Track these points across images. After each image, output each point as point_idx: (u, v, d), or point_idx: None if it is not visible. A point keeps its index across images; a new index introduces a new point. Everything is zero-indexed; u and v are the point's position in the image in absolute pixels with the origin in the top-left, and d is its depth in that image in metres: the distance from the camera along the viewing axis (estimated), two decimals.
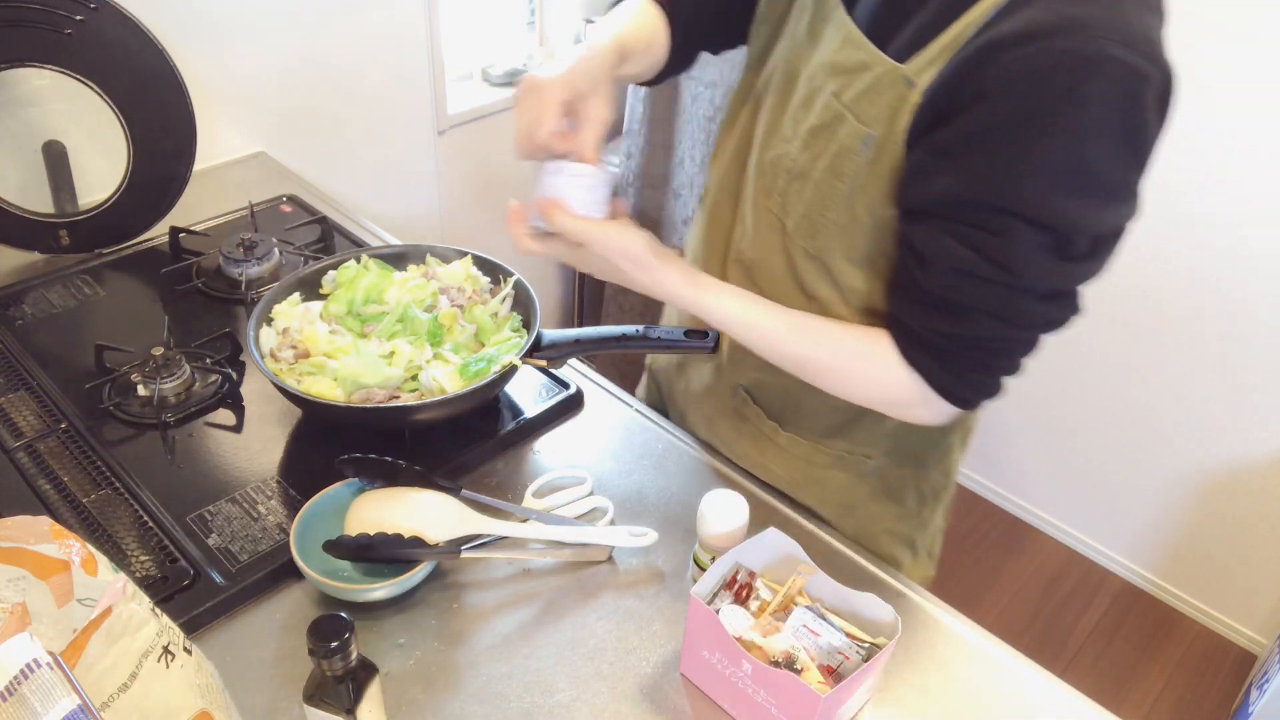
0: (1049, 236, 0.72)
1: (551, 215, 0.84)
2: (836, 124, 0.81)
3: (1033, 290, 0.76)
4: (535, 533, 0.93)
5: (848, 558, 0.97)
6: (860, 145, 0.79)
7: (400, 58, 1.85)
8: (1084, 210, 0.71)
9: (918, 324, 0.81)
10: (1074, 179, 0.70)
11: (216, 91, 1.58)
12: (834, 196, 0.83)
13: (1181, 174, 1.89)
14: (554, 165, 0.86)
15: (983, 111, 0.71)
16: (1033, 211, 0.71)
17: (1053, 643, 2.19)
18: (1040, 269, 0.74)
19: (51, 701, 0.50)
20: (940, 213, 0.76)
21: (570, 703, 0.81)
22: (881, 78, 0.77)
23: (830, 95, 0.82)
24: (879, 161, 0.79)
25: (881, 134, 0.78)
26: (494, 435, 1.06)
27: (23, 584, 0.60)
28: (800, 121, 0.86)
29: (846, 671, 0.77)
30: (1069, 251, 0.74)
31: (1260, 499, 2.04)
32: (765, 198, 0.91)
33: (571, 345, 1.04)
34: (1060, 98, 0.68)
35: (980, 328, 0.78)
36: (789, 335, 0.88)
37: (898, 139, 0.77)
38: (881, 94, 0.77)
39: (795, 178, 0.87)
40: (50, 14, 1.22)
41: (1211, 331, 1.97)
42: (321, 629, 0.66)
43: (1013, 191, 0.71)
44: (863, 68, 0.79)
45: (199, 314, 1.24)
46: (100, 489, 0.97)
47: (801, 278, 0.90)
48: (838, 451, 1.00)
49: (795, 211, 0.88)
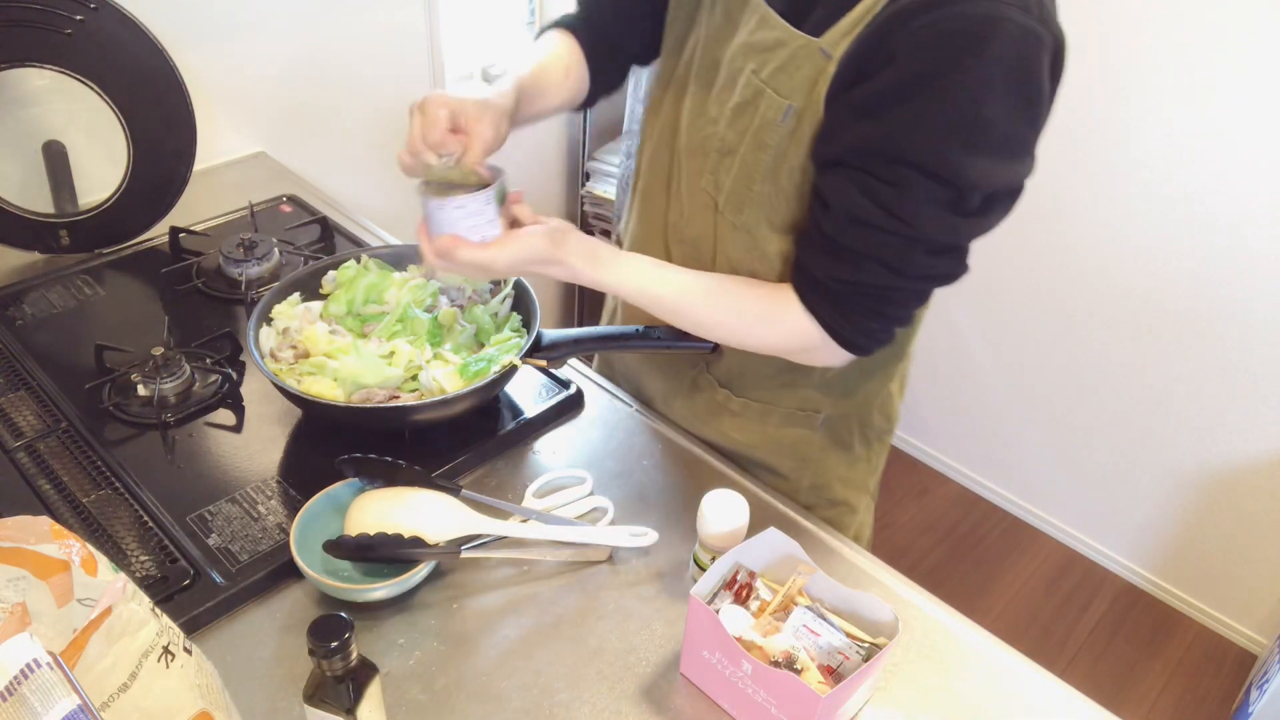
0: (944, 190, 0.77)
1: (450, 255, 0.87)
2: (757, 99, 0.86)
3: (925, 242, 0.80)
4: (535, 533, 0.93)
5: (848, 558, 0.97)
6: (781, 117, 0.84)
7: (400, 58, 1.85)
8: (978, 165, 0.76)
9: (817, 269, 0.86)
10: (970, 134, 0.75)
11: (216, 91, 1.58)
12: (759, 168, 0.88)
13: (1181, 174, 1.89)
14: (435, 202, 0.87)
15: (891, 73, 0.75)
16: (929, 165, 0.76)
17: (1053, 643, 2.19)
18: (933, 221, 0.79)
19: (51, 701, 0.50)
20: (846, 164, 0.81)
21: (570, 703, 0.81)
22: (798, 53, 0.82)
23: (750, 73, 0.86)
24: (800, 130, 0.84)
25: (801, 104, 0.83)
26: (494, 435, 1.06)
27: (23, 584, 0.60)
28: (724, 102, 0.90)
29: (846, 671, 0.77)
30: (963, 206, 0.78)
31: (1260, 499, 2.04)
32: (698, 178, 0.95)
33: (571, 345, 1.04)
34: (960, 57, 0.73)
35: (873, 275, 0.83)
36: (693, 299, 0.92)
37: (817, 107, 0.82)
38: (799, 67, 0.82)
39: (724, 154, 0.91)
40: (50, 14, 1.22)
41: (1211, 331, 1.97)
42: (321, 629, 0.66)
43: (912, 145, 0.76)
44: (779, 45, 0.83)
45: (199, 314, 1.24)
46: (100, 489, 0.97)
47: (731, 253, 0.95)
48: (788, 409, 1.05)
49: (725, 187, 0.92)
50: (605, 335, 1.06)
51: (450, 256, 0.87)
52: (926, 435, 2.62)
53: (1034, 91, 0.76)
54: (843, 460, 1.11)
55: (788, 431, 1.07)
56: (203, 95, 1.41)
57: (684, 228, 1.00)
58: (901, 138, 0.76)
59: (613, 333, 1.05)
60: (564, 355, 1.04)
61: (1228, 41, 1.74)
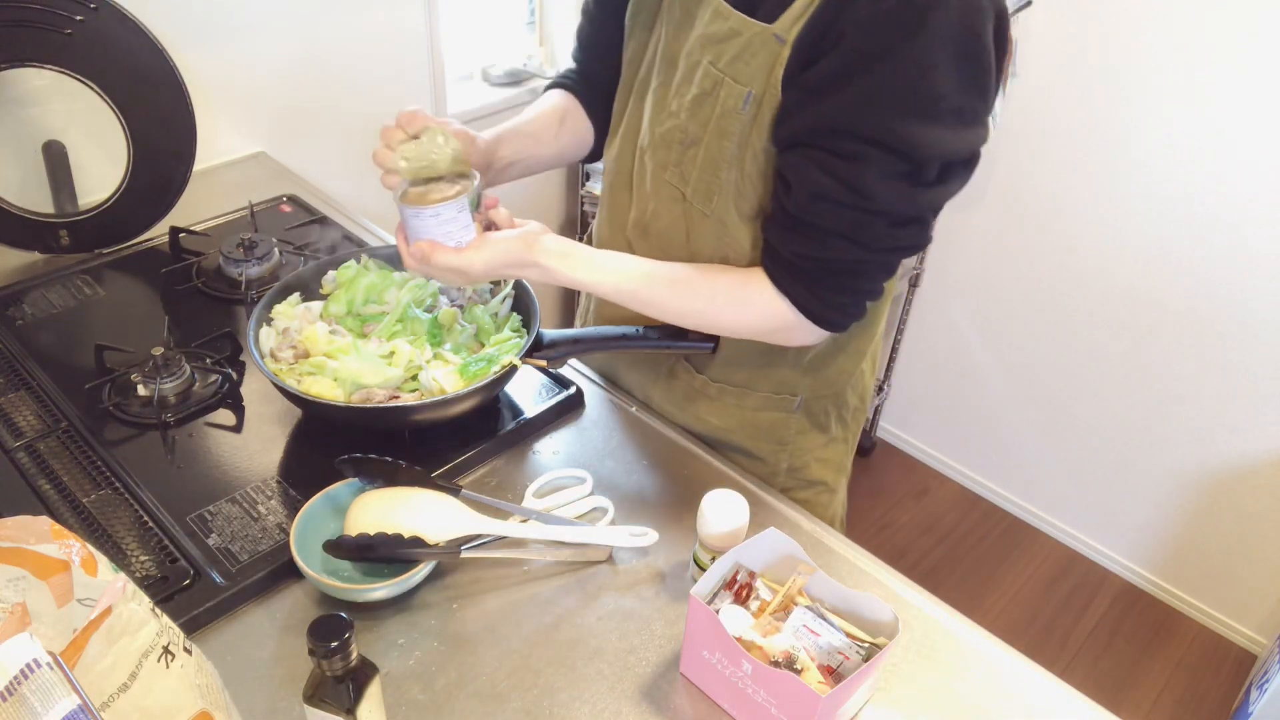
0: (900, 162, 0.79)
1: (427, 260, 0.90)
2: (717, 88, 0.88)
3: (886, 215, 0.83)
4: (535, 533, 0.93)
5: (848, 558, 0.97)
6: (741, 104, 0.86)
7: (400, 58, 1.85)
8: (932, 136, 0.78)
9: (784, 248, 0.89)
10: (921, 106, 0.77)
11: (216, 91, 1.58)
12: (724, 156, 0.90)
13: (1181, 174, 1.89)
14: (412, 210, 0.90)
15: (841, 52, 0.78)
16: (885, 137, 0.78)
17: (1053, 643, 2.19)
18: (892, 194, 0.81)
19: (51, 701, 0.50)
20: (804, 143, 0.83)
21: (570, 703, 0.81)
22: (752, 40, 0.84)
23: (708, 64, 0.88)
24: (760, 115, 0.86)
25: (759, 90, 0.85)
26: (494, 435, 1.06)
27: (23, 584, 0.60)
28: (685, 95, 0.92)
29: (846, 671, 0.77)
30: (920, 177, 0.81)
31: (1260, 499, 2.04)
32: (663, 171, 0.97)
33: (571, 345, 1.04)
34: (906, 30, 0.75)
35: (838, 250, 0.86)
36: (666, 287, 0.94)
37: (775, 91, 0.84)
38: (755, 54, 0.84)
39: (688, 146, 0.93)
40: (50, 14, 1.22)
41: (1211, 331, 1.97)
42: (321, 629, 0.66)
43: (866, 120, 0.78)
44: (734, 34, 0.86)
45: (199, 314, 1.24)
46: (100, 489, 0.97)
47: (702, 242, 0.97)
48: (765, 392, 1.07)
49: (692, 178, 0.94)
50: (605, 335, 1.06)
51: (427, 261, 0.90)
52: (926, 435, 2.62)
53: (980, 61, 0.78)
54: (819, 441, 1.13)
55: (765, 415, 1.08)
56: (203, 95, 1.41)
57: (650, 223, 1.01)
58: (855, 114, 0.79)
59: (613, 333, 1.05)
60: (564, 355, 1.04)
61: (1228, 41, 1.74)
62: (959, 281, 2.35)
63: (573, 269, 0.93)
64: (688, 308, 0.95)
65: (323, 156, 1.79)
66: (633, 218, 1.04)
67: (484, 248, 0.90)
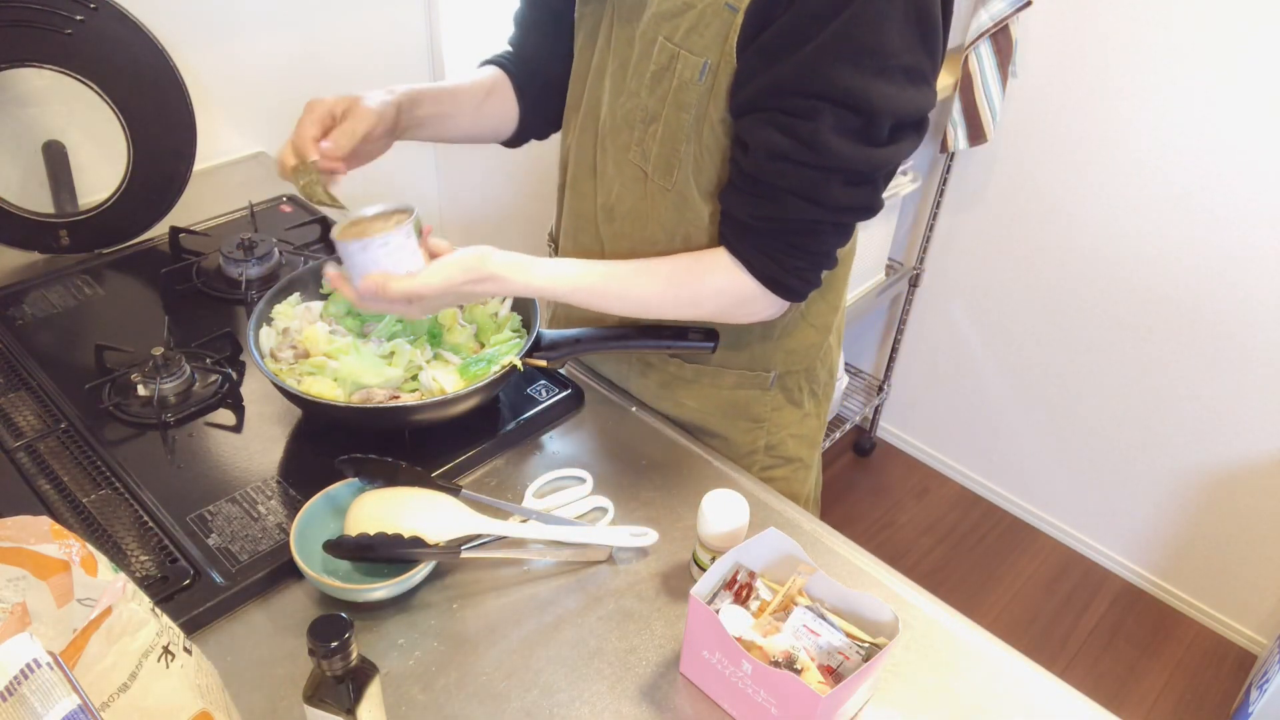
0: (854, 118, 0.81)
1: (382, 292, 0.88)
2: (673, 62, 0.89)
3: (841, 172, 0.85)
4: (535, 533, 0.93)
5: (848, 558, 0.97)
6: (698, 75, 0.88)
7: (400, 58, 1.85)
8: (884, 92, 0.80)
9: (741, 212, 0.90)
10: (874, 62, 0.79)
11: (216, 91, 1.58)
12: (682, 129, 0.91)
13: (1181, 173, 1.89)
14: (358, 244, 0.88)
15: (795, 13, 0.80)
16: (838, 95, 0.80)
17: (1053, 643, 2.19)
18: (846, 150, 0.83)
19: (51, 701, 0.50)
20: (760, 104, 0.84)
21: (570, 703, 0.81)
22: (705, 11, 0.85)
23: (663, 40, 0.89)
24: (717, 85, 0.87)
25: (715, 60, 0.86)
26: (494, 435, 1.06)
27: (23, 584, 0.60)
28: (643, 73, 0.92)
29: (846, 671, 0.77)
30: (873, 135, 0.83)
31: (1260, 499, 2.04)
32: (625, 152, 0.98)
33: (571, 345, 1.04)
34: None
35: (795, 210, 0.87)
36: (624, 278, 0.95)
37: (730, 59, 0.85)
38: (709, 25, 0.85)
39: (648, 123, 0.94)
40: (50, 14, 1.22)
41: (1211, 331, 1.97)
42: (321, 629, 0.66)
43: (820, 78, 0.80)
44: (687, 8, 0.87)
45: (199, 314, 1.24)
46: (100, 489, 0.97)
47: (664, 219, 0.98)
48: (738, 371, 1.09)
49: (653, 155, 0.95)
50: (605, 335, 1.06)
51: (383, 294, 0.88)
52: (926, 435, 2.62)
53: (929, 21, 0.80)
54: (795, 417, 1.15)
55: (741, 393, 1.11)
56: (203, 95, 1.41)
57: (615, 205, 1.02)
58: (809, 72, 0.80)
59: (613, 333, 1.05)
60: (564, 355, 1.04)
61: (1228, 41, 1.74)
62: (959, 281, 2.35)
63: (528, 276, 0.93)
64: (648, 292, 0.95)
65: None
66: (599, 203, 1.04)
67: (438, 269, 0.90)
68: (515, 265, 0.93)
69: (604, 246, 1.05)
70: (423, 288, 0.89)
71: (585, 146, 1.04)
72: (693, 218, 0.96)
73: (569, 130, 1.08)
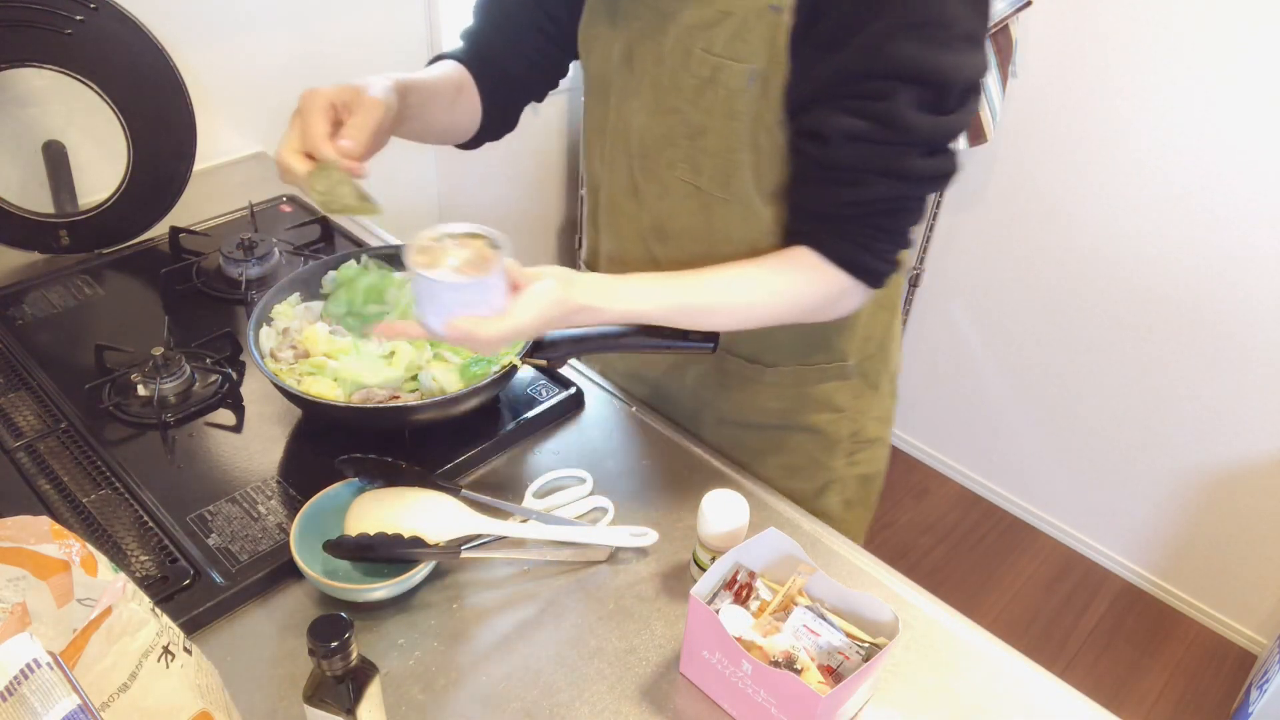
0: (927, 91, 0.81)
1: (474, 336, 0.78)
2: (718, 73, 0.87)
3: (921, 144, 0.84)
4: (535, 533, 0.93)
5: (848, 558, 0.97)
6: (746, 82, 0.86)
7: (400, 58, 1.85)
8: (952, 61, 0.80)
9: (824, 204, 0.88)
10: (939, 34, 0.79)
11: (216, 91, 1.58)
12: (736, 137, 0.90)
13: (1181, 173, 1.89)
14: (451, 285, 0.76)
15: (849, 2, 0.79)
16: (910, 72, 0.80)
17: (1053, 643, 2.19)
18: (924, 124, 0.82)
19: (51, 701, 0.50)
20: (829, 94, 0.83)
21: (570, 703, 0.81)
22: (746, 18, 0.84)
23: (701, 52, 0.87)
24: (769, 87, 0.86)
25: (763, 64, 0.84)
26: (494, 435, 1.06)
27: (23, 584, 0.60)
28: (681, 87, 0.90)
29: (846, 671, 0.77)
30: (945, 104, 0.82)
31: (1260, 499, 2.04)
32: (670, 170, 0.96)
33: (571, 345, 1.04)
34: None
35: (880, 189, 0.86)
36: (714, 293, 0.91)
37: (780, 60, 0.84)
38: (752, 30, 0.84)
39: (695, 136, 0.92)
40: (50, 14, 1.22)
41: (1212, 331, 1.97)
42: (321, 629, 0.66)
43: (889, 57, 0.80)
44: (724, 16, 0.85)
45: (199, 314, 1.24)
46: (100, 489, 0.97)
47: (727, 229, 0.96)
48: (820, 365, 1.08)
49: (706, 167, 0.93)
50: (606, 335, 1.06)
51: (475, 338, 0.78)
52: (926, 435, 2.62)
53: None
54: (874, 400, 1.15)
55: (824, 387, 1.10)
56: (203, 95, 1.41)
57: (666, 224, 1.00)
58: (876, 54, 0.80)
59: (613, 332, 1.05)
60: (564, 355, 1.04)
61: (1227, 41, 1.74)
62: (959, 281, 2.35)
63: (617, 300, 0.86)
64: (751, 299, 0.91)
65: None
66: (647, 224, 1.02)
67: (528, 304, 0.80)
68: (602, 290, 0.86)
69: (659, 267, 1.00)
70: (517, 328, 0.79)
71: (619, 168, 1.02)
72: (756, 224, 0.95)
73: (594, 154, 1.06)
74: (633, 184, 1.02)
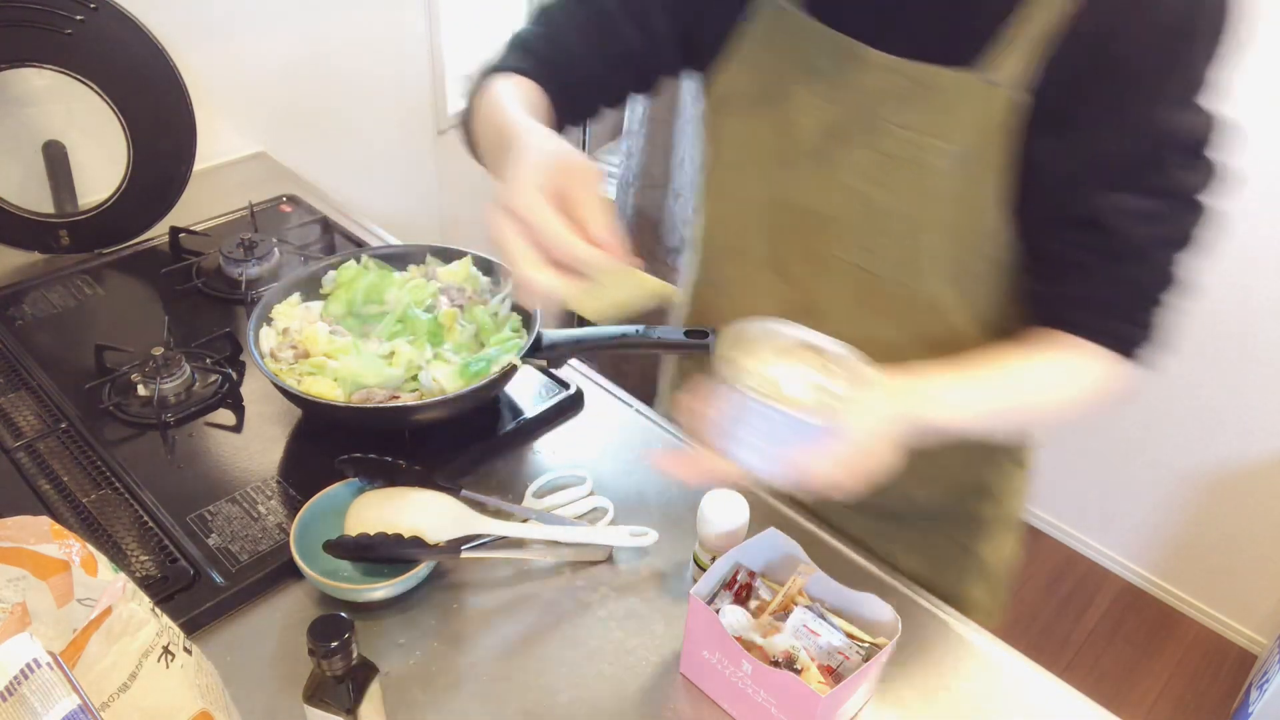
0: (1193, 154, 0.77)
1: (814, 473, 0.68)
2: (917, 153, 0.79)
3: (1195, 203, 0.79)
4: (535, 533, 0.93)
5: (848, 558, 0.97)
6: (949, 163, 0.78)
7: (400, 58, 1.85)
8: (1210, 118, 0.77)
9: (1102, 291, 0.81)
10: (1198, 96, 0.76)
11: (216, 91, 1.58)
12: (933, 224, 0.81)
13: None
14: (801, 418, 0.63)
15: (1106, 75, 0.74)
16: (1178, 140, 0.76)
17: (1053, 643, 2.19)
18: (1197, 181, 0.78)
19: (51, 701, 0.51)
20: (1101, 182, 0.77)
21: (570, 703, 0.81)
22: (961, 92, 0.76)
23: (896, 128, 0.79)
24: (980, 172, 0.78)
25: (973, 143, 0.77)
26: (494, 435, 1.06)
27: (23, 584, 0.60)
28: (863, 164, 0.83)
29: (846, 671, 0.77)
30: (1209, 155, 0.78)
31: (1260, 499, 2.04)
32: (828, 247, 0.87)
33: (571, 345, 1.04)
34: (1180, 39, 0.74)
35: (1167, 262, 0.80)
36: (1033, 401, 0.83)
37: (995, 141, 0.77)
38: (961, 105, 0.77)
39: (874, 216, 0.84)
40: (50, 14, 1.22)
41: (1211, 331, 1.97)
42: (321, 629, 0.66)
43: (1157, 132, 0.75)
44: (923, 88, 0.78)
45: (199, 314, 1.24)
46: (100, 489, 0.97)
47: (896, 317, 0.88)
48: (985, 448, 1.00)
49: (889, 254, 0.85)
50: (605, 335, 1.06)
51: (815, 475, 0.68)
52: None
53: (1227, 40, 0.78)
54: (1021, 477, 1.07)
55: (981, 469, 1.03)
56: (203, 95, 1.41)
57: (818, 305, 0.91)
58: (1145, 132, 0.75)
59: (613, 333, 1.05)
60: (564, 355, 1.04)
61: None
62: None
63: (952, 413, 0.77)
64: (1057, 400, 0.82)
65: (323, 156, 1.79)
66: (796, 301, 0.92)
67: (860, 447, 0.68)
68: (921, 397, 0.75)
69: None
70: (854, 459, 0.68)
71: (757, 240, 0.93)
72: (930, 313, 0.86)
73: (714, 217, 0.98)
74: (774, 258, 0.93)
